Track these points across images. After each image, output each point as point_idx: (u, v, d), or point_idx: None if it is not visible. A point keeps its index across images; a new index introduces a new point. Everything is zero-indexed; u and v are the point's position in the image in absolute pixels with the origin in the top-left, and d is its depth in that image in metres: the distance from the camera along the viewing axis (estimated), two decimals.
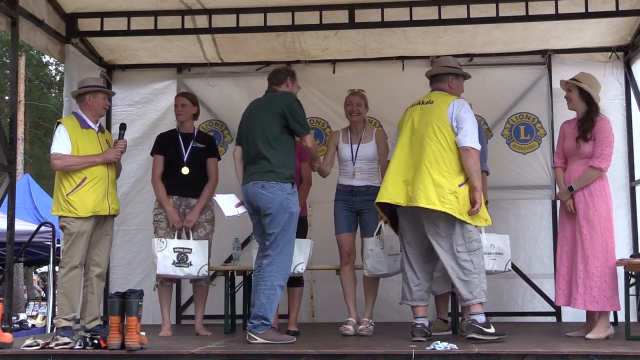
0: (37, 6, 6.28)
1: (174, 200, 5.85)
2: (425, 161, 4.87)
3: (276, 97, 5.19)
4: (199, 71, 7.63)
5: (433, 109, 5.01)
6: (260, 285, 4.93)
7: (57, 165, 5.30)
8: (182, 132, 5.99)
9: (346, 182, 5.77)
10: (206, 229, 5.89)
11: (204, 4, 6.54)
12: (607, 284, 5.05)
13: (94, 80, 5.68)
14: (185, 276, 5.72)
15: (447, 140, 4.90)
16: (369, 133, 5.87)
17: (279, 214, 4.94)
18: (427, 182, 4.82)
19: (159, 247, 5.64)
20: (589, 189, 5.18)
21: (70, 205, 5.24)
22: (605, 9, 6.42)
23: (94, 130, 5.47)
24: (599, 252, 5.09)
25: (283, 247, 4.96)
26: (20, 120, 18.76)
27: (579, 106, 5.33)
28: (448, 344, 4.46)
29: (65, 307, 5.23)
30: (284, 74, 5.34)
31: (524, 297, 7.22)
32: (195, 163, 5.88)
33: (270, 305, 4.89)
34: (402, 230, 5.13)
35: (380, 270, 5.58)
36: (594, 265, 5.07)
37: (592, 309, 5.11)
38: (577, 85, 5.31)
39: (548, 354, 4.30)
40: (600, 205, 5.15)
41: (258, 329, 4.85)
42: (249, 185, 5.05)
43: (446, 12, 6.51)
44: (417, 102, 5.20)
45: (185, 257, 5.65)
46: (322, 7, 6.54)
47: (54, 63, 25.44)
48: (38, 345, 4.72)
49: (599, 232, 5.11)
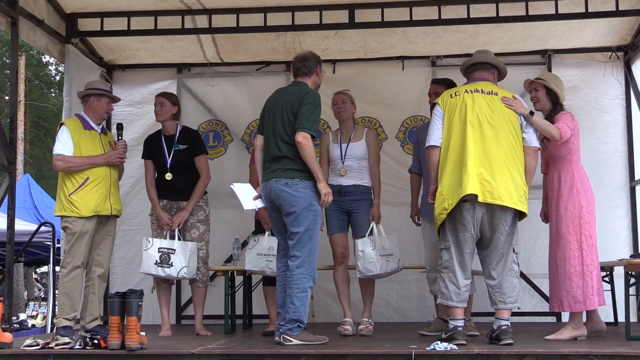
0: (37, 6, 6.28)
1: (164, 204, 5.85)
2: (505, 157, 4.74)
3: (295, 93, 4.92)
4: (199, 71, 7.63)
5: (500, 102, 4.87)
6: (292, 288, 4.79)
7: (59, 166, 5.31)
8: (165, 135, 5.94)
9: (335, 182, 5.71)
10: (199, 229, 5.86)
11: (204, 4, 6.54)
12: (583, 283, 4.94)
13: (101, 84, 5.73)
14: (167, 276, 5.72)
15: (519, 138, 4.83)
16: (359, 132, 5.85)
17: (303, 212, 4.80)
18: (509, 180, 4.70)
19: (145, 246, 5.70)
20: (559, 192, 5.09)
21: (73, 205, 5.25)
22: (605, 9, 6.43)
23: (97, 131, 5.48)
24: (575, 251, 4.97)
25: (311, 248, 4.85)
26: (20, 120, 18.75)
27: (545, 106, 5.26)
28: (448, 344, 4.46)
29: (66, 307, 5.24)
30: (313, 63, 5.03)
31: (524, 297, 7.21)
32: (180, 166, 5.84)
33: (304, 308, 4.81)
34: (461, 227, 4.73)
35: (372, 271, 5.57)
36: (571, 265, 4.97)
37: (555, 309, 5.09)
38: (545, 85, 5.26)
39: (548, 354, 4.30)
40: (570, 205, 5.04)
41: (293, 331, 4.76)
42: (271, 182, 4.87)
43: (446, 12, 6.51)
44: (472, 88, 4.90)
45: (168, 258, 5.65)
46: (322, 7, 6.54)
47: (54, 63, 25.44)
48: (38, 345, 4.72)
49: (571, 231, 5.00)
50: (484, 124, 4.76)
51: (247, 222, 6.83)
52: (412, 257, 6.50)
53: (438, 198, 4.76)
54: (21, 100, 18.89)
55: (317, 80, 5.10)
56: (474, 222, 4.72)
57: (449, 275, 4.77)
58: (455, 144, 4.77)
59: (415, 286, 7.11)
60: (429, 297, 6.41)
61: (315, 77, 5.06)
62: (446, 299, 4.77)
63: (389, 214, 6.88)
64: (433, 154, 4.87)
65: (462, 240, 4.75)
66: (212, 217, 6.08)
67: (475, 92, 4.87)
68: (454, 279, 4.76)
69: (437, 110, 4.94)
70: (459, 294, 4.74)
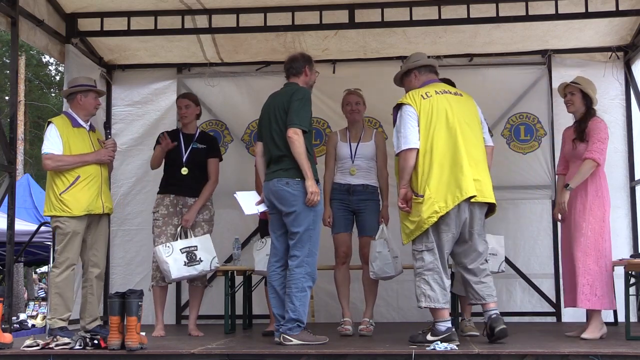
0: (37, 6, 6.28)
1: (170, 200, 5.85)
2: (483, 156, 4.88)
3: (286, 93, 5.00)
4: (199, 71, 7.63)
5: (467, 102, 4.97)
6: (292, 288, 4.80)
7: (49, 165, 5.28)
8: (184, 133, 6.00)
9: (343, 181, 5.74)
10: (204, 228, 5.89)
11: (204, 4, 6.54)
12: (599, 283, 5.07)
13: (85, 80, 5.67)
14: (199, 273, 5.73)
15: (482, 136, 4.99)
16: (368, 133, 5.88)
17: (303, 212, 4.81)
18: (488, 178, 4.85)
19: (166, 252, 5.60)
20: (585, 190, 5.20)
21: (64, 204, 5.23)
22: (605, 9, 6.42)
23: (85, 129, 5.46)
24: (591, 250, 5.11)
25: (311, 248, 4.86)
26: (20, 120, 18.77)
27: (580, 110, 5.40)
28: (448, 344, 4.46)
29: (60, 307, 5.23)
30: (300, 63, 5.10)
31: (524, 297, 7.22)
32: (194, 163, 5.88)
33: (303, 308, 4.82)
34: (445, 227, 4.69)
35: (388, 273, 5.58)
36: (585, 263, 5.09)
37: (584, 306, 5.13)
38: (581, 90, 5.38)
39: (548, 354, 4.30)
40: (595, 206, 5.17)
41: (293, 330, 4.76)
42: (272, 182, 4.91)
43: (446, 12, 6.50)
44: (440, 89, 4.92)
45: (194, 255, 5.66)
46: (322, 7, 6.54)
47: (54, 63, 25.46)
48: (38, 346, 4.71)
49: (591, 232, 5.13)
50: (464, 124, 4.83)
51: (247, 222, 6.84)
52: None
53: (426, 202, 4.65)
54: (21, 100, 18.90)
55: (308, 80, 5.14)
56: (458, 223, 4.72)
57: (434, 277, 4.70)
58: (441, 146, 4.71)
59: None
60: None
61: (305, 76, 5.11)
62: (433, 301, 4.67)
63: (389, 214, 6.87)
64: (411, 156, 4.72)
65: (444, 241, 4.72)
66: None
67: (445, 92, 4.90)
68: (440, 281, 4.70)
69: (409, 110, 4.78)
70: (445, 294, 4.71)
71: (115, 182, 7.34)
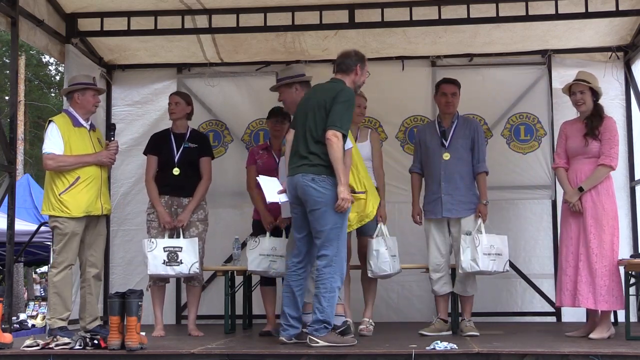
0: (37, 6, 6.28)
1: (165, 200, 5.84)
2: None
3: (330, 90, 4.82)
4: (199, 71, 7.62)
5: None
6: (320, 288, 4.66)
7: (50, 165, 5.28)
8: (175, 132, 5.97)
9: None
10: (198, 228, 5.86)
11: (204, 4, 6.54)
12: (615, 284, 5.07)
13: (83, 78, 5.64)
14: (177, 274, 5.69)
15: None
16: (363, 133, 5.86)
17: (329, 210, 4.66)
18: None
19: (149, 247, 5.63)
20: (596, 188, 5.20)
21: (63, 205, 5.22)
22: (605, 9, 6.42)
23: (86, 128, 5.46)
24: (607, 251, 5.11)
25: (339, 246, 4.73)
26: (20, 120, 18.77)
27: (590, 107, 5.38)
28: (448, 343, 4.46)
29: (59, 307, 5.23)
30: (353, 61, 4.91)
31: (524, 297, 7.21)
32: (186, 163, 5.85)
33: (331, 309, 4.69)
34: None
35: (385, 271, 5.58)
36: (602, 264, 5.08)
37: (603, 308, 5.09)
38: (589, 87, 5.36)
39: (548, 353, 4.30)
40: (608, 204, 5.18)
41: (320, 332, 4.64)
42: (297, 177, 4.75)
43: (446, 12, 6.50)
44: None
45: (176, 256, 5.62)
46: (322, 7, 6.54)
47: (54, 63, 25.47)
48: (38, 346, 4.71)
49: (607, 230, 5.13)
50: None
51: (247, 222, 6.81)
52: (412, 257, 6.48)
53: None
54: (21, 100, 18.90)
55: (357, 80, 4.97)
56: None
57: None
58: None
59: (415, 286, 7.10)
60: (428, 297, 6.41)
61: (355, 75, 4.93)
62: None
63: (389, 214, 6.83)
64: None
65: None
66: (211, 217, 6.10)
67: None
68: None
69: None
70: None
71: (115, 182, 7.34)
